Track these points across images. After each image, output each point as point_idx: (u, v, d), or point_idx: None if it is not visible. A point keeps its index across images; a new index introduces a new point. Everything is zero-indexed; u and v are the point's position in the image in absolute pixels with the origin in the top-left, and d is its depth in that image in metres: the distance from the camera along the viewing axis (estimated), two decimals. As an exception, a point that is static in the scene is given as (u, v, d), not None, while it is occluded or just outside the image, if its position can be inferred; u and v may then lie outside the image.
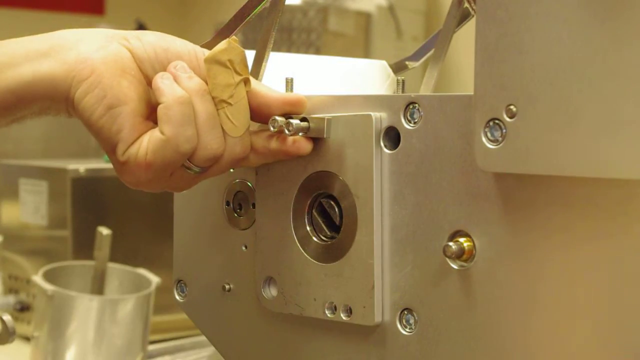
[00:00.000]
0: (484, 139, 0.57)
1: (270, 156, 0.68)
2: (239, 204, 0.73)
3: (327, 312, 0.67)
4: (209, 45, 0.68)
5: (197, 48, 0.68)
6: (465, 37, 0.70)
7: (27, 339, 1.20)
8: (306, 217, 0.68)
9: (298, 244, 0.68)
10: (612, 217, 0.55)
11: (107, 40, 0.67)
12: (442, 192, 0.62)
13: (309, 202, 0.68)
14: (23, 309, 1.30)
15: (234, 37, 0.66)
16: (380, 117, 0.64)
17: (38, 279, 1.11)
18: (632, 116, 0.52)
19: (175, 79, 0.65)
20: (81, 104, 0.65)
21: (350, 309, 0.66)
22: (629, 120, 0.52)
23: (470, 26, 0.65)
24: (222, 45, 0.65)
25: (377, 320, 0.65)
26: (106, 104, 0.65)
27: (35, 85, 0.66)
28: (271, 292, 0.70)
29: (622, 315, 0.55)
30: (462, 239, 0.61)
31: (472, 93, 0.58)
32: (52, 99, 0.67)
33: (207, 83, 0.65)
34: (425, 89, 0.76)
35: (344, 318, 0.66)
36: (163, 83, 0.65)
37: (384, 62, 0.87)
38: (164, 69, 0.66)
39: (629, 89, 0.52)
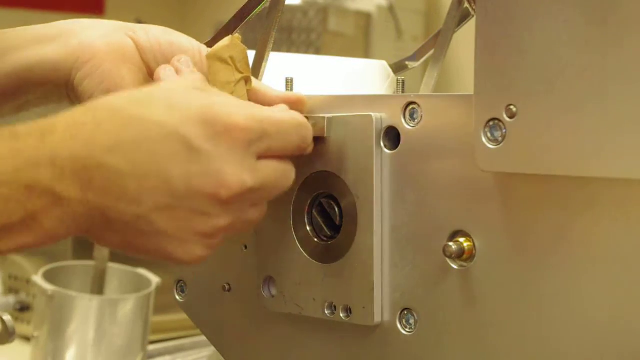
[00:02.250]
0: (484, 139, 0.57)
1: (271, 156, 0.68)
2: (239, 204, 0.73)
3: (326, 312, 0.67)
4: (209, 45, 0.68)
5: (202, 46, 0.69)
6: (465, 37, 0.70)
7: (27, 339, 1.20)
8: (306, 217, 0.68)
9: (298, 244, 0.68)
10: (612, 217, 0.55)
11: (113, 29, 0.68)
12: (442, 192, 0.62)
13: (309, 202, 0.68)
14: (23, 309, 1.30)
15: (237, 34, 0.66)
16: (380, 117, 0.64)
17: (38, 279, 1.11)
18: (632, 116, 0.52)
19: (177, 72, 0.65)
20: (80, 87, 0.66)
21: (350, 309, 0.66)
22: (628, 120, 0.52)
23: (470, 26, 0.65)
24: (225, 42, 0.65)
25: (377, 320, 0.65)
26: (104, 88, 0.66)
27: (39, 68, 0.67)
28: (271, 291, 0.70)
29: (622, 315, 0.55)
30: (462, 239, 0.61)
31: (472, 93, 0.58)
32: (54, 83, 0.68)
33: (208, 80, 0.65)
34: (425, 89, 0.76)
35: (343, 318, 0.66)
36: (165, 74, 0.65)
37: (384, 62, 0.87)
38: (167, 62, 0.66)
39: (629, 89, 0.52)
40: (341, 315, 0.66)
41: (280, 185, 0.61)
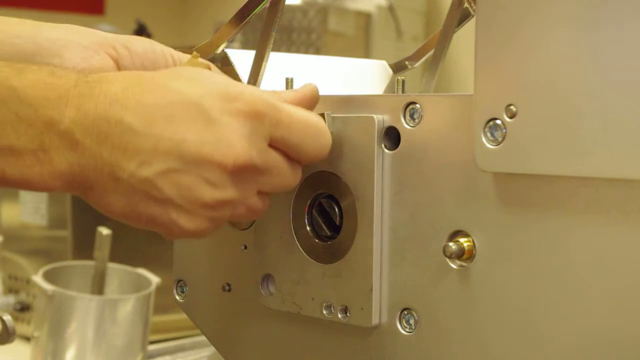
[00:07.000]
0: (483, 139, 0.57)
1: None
2: (239, 204, 0.73)
3: (324, 312, 0.67)
4: (207, 45, 0.69)
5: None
6: (465, 37, 0.70)
7: (27, 339, 1.20)
8: (306, 217, 0.68)
9: (298, 244, 0.68)
10: (612, 217, 0.55)
11: (94, 49, 0.69)
12: (442, 192, 0.62)
13: (309, 202, 0.68)
14: (23, 309, 1.30)
15: (194, 52, 0.68)
16: (382, 118, 0.64)
17: (38, 279, 1.11)
18: (632, 116, 0.52)
19: None
20: None
21: (348, 310, 0.66)
22: (628, 120, 0.52)
23: (470, 26, 0.65)
24: (183, 62, 0.67)
25: (375, 322, 0.65)
26: None
27: None
28: (269, 289, 0.70)
29: (622, 314, 0.55)
30: (462, 239, 0.61)
31: (472, 93, 0.58)
32: None
33: None
34: (425, 89, 0.76)
35: (341, 319, 0.66)
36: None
37: (384, 62, 0.87)
38: None
39: (629, 89, 0.52)
40: (339, 315, 0.66)
41: (285, 181, 0.62)
